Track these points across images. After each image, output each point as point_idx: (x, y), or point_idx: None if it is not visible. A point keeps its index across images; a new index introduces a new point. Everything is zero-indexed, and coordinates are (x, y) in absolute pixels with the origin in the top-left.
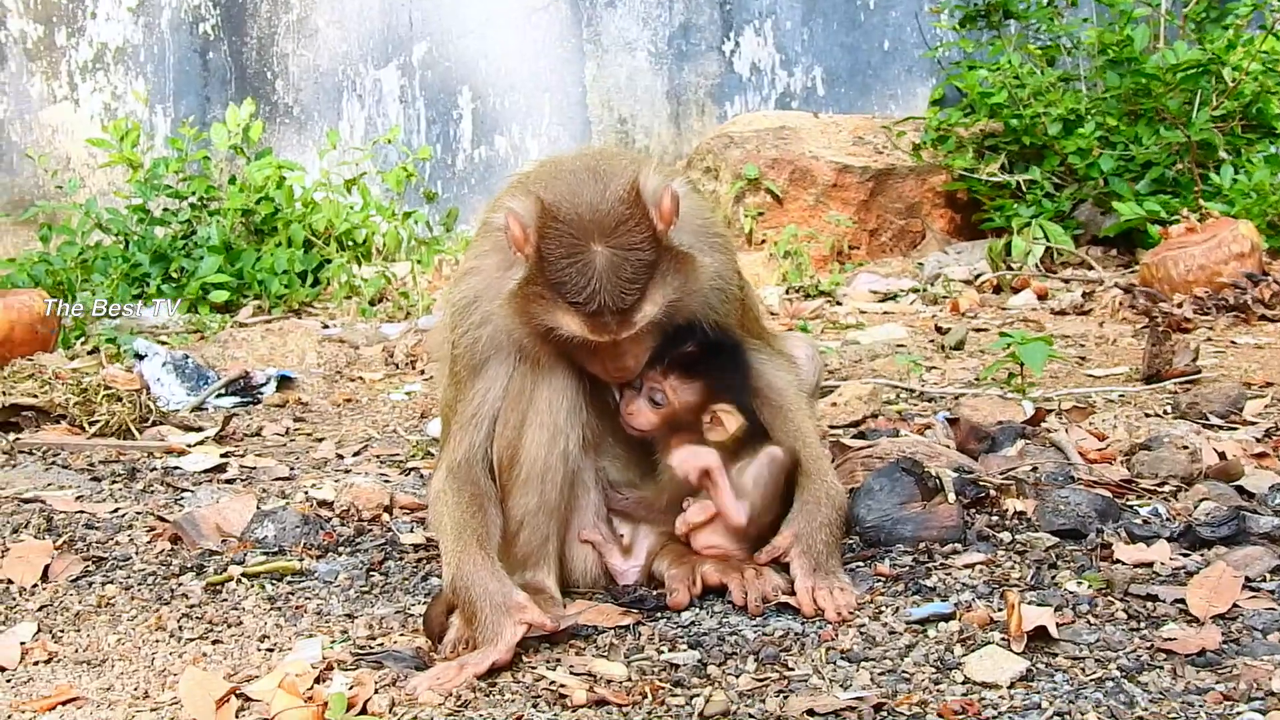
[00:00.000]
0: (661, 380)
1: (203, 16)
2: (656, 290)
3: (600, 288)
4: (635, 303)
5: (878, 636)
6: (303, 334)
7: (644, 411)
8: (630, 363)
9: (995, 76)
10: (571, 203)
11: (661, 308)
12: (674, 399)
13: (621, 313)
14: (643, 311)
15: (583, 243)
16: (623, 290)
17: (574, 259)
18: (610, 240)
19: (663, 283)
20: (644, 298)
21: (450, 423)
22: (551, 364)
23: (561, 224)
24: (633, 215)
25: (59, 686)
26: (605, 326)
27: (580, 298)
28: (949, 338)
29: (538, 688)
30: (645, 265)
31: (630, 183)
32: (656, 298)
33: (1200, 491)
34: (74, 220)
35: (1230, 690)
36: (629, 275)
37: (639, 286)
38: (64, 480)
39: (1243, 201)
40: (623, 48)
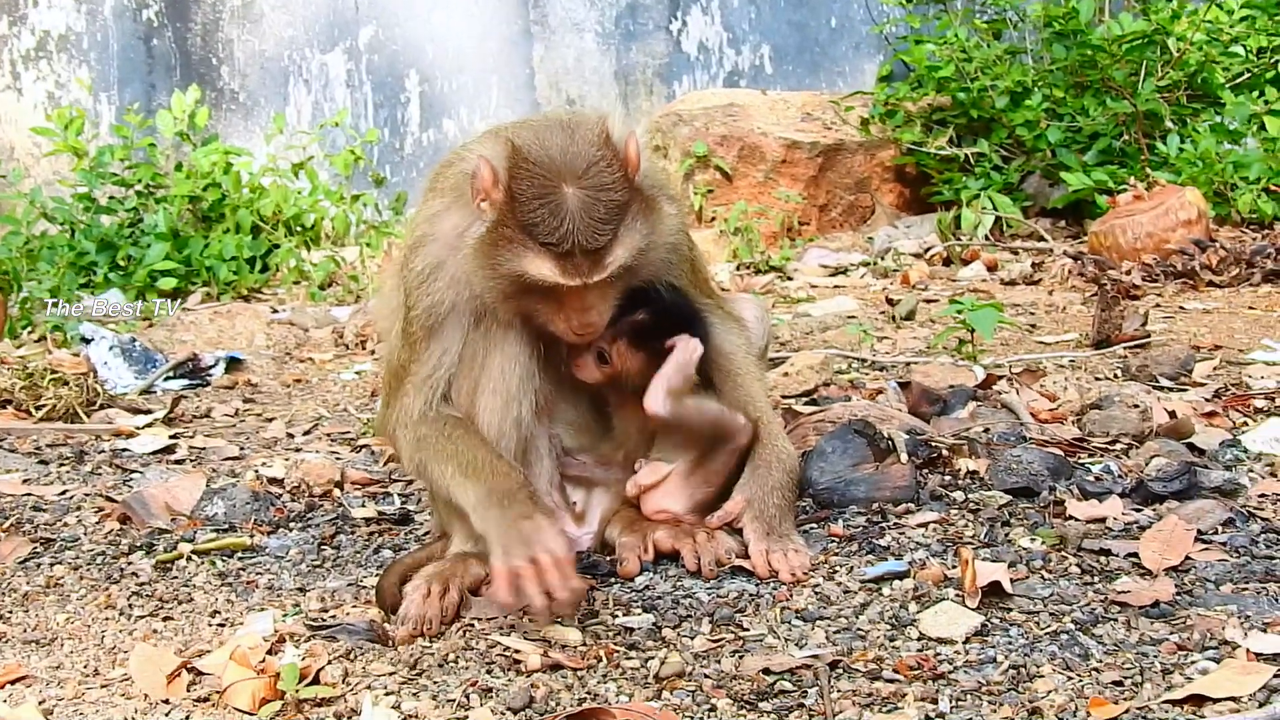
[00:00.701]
0: (610, 343)
1: (146, 3)
2: (627, 234)
3: (573, 228)
4: (607, 244)
5: (832, 596)
6: (251, 316)
7: (589, 365)
8: (594, 317)
9: (942, 51)
10: (542, 146)
11: (631, 253)
12: (618, 363)
13: (594, 254)
14: (614, 254)
15: (554, 183)
16: (595, 231)
17: (546, 199)
18: (583, 181)
19: (633, 227)
20: (615, 240)
21: (402, 381)
22: (504, 330)
23: (533, 165)
24: (604, 157)
25: (7, 666)
26: (577, 268)
27: (553, 238)
28: (899, 308)
29: (492, 654)
30: (617, 206)
31: (600, 128)
32: (627, 241)
33: (1152, 449)
34: (19, 210)
35: (1184, 640)
36: (601, 215)
37: (611, 228)
38: (10, 464)
39: (1189, 170)
40: (570, 29)
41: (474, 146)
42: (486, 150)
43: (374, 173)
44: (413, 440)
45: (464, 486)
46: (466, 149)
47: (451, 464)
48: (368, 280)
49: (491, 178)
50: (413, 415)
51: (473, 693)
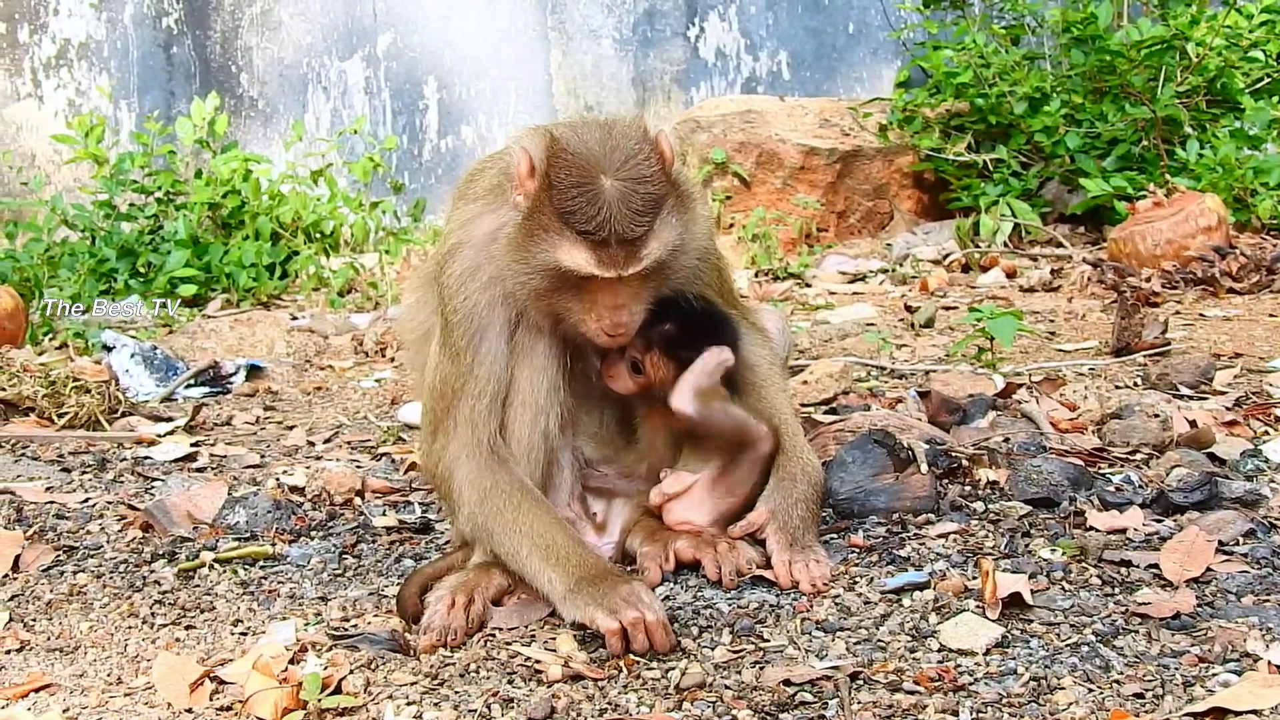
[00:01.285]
0: (643, 352)
1: (166, 11)
2: (663, 227)
3: (610, 216)
4: (644, 235)
5: (853, 607)
6: (271, 324)
7: (623, 375)
8: (626, 317)
9: (960, 56)
10: (580, 139)
11: (666, 248)
12: (652, 372)
13: (630, 244)
14: (650, 247)
15: (593, 173)
16: (633, 221)
17: (584, 188)
18: (621, 172)
19: (668, 221)
20: (652, 232)
21: (450, 406)
22: (533, 342)
23: (572, 155)
24: (641, 150)
25: (31, 674)
26: (613, 259)
27: (590, 226)
28: (918, 316)
29: (513, 664)
30: (654, 199)
31: (636, 124)
32: (663, 235)
33: (1172, 459)
34: (40, 217)
35: (1205, 652)
36: (639, 206)
37: (648, 219)
38: (33, 472)
39: (1209, 176)
40: (588, 35)
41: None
42: (527, 141)
43: (393, 179)
44: (475, 497)
45: (545, 573)
46: (497, 156)
47: (526, 543)
48: (387, 287)
49: (529, 168)
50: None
51: (494, 703)
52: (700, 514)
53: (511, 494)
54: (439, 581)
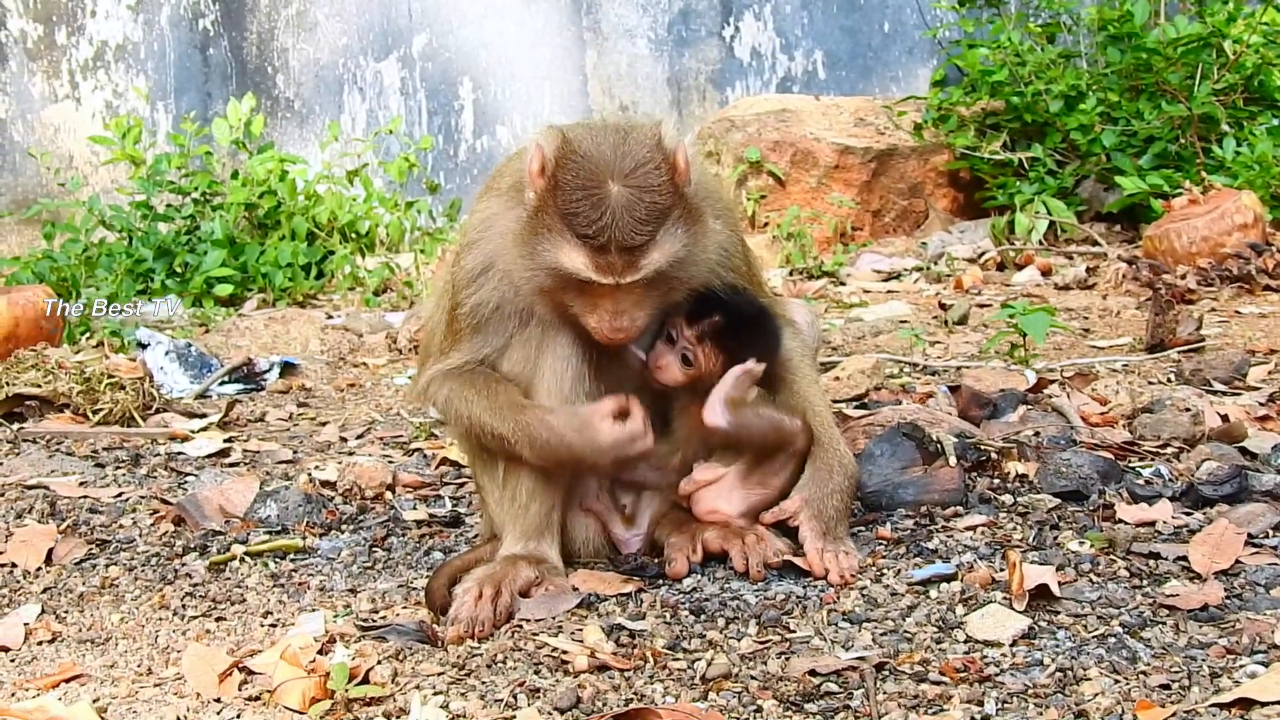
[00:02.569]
0: (696, 344)
1: (202, 12)
2: (666, 239)
3: (611, 222)
4: (644, 245)
5: (879, 598)
6: (306, 322)
7: (673, 367)
8: (626, 323)
9: (996, 55)
10: (593, 141)
11: (668, 259)
12: (704, 364)
13: (629, 252)
14: (650, 257)
15: (600, 176)
16: (634, 230)
17: (589, 192)
18: (628, 179)
19: (673, 233)
20: (653, 243)
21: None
22: (556, 332)
23: (581, 157)
24: (652, 159)
25: (62, 665)
26: (611, 266)
27: (590, 230)
28: (952, 313)
29: (539, 654)
30: (659, 210)
31: (653, 133)
32: (665, 246)
33: (1203, 452)
34: (77, 218)
35: (1233, 644)
36: (642, 215)
37: (650, 229)
38: (68, 467)
39: (1245, 174)
40: (623, 35)
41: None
42: (540, 140)
43: (428, 179)
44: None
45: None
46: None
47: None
48: (422, 286)
49: (540, 166)
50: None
51: (520, 693)
52: (730, 504)
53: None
54: (467, 574)
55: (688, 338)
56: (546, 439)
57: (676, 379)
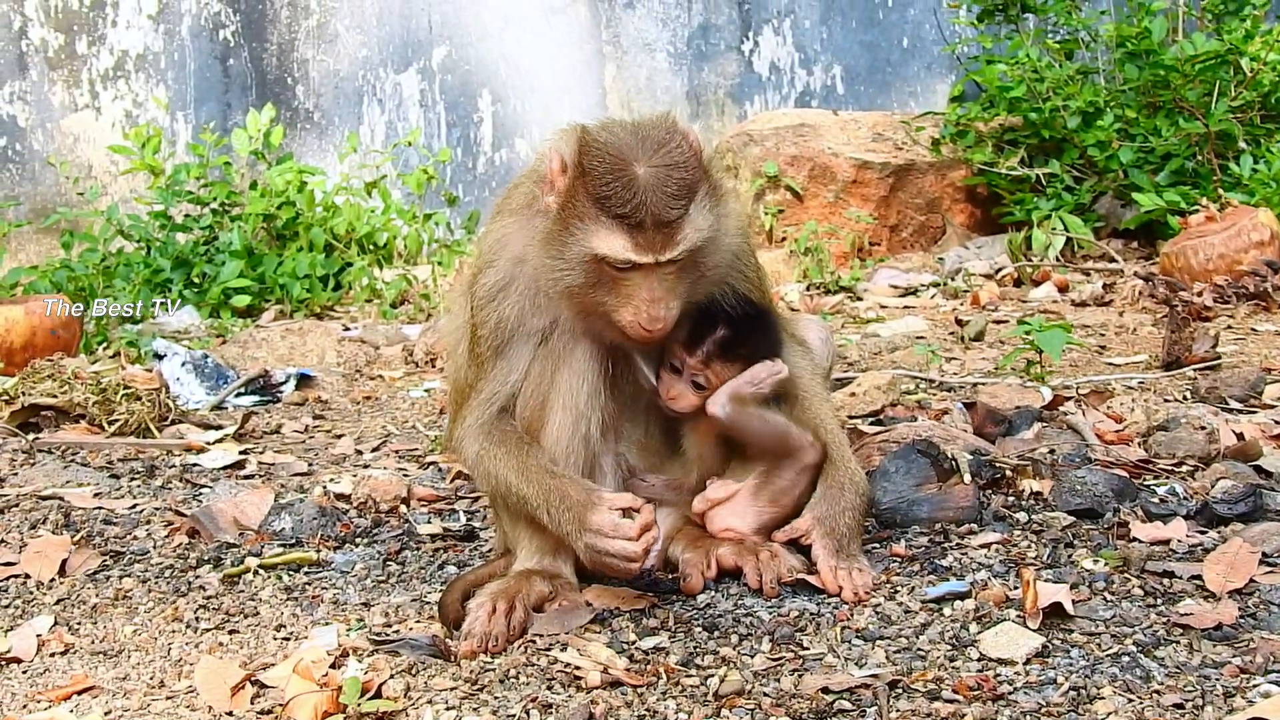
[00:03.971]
0: (703, 368)
1: (223, 23)
2: (698, 213)
3: (646, 199)
4: (679, 219)
5: (893, 615)
6: (322, 334)
7: (686, 395)
8: (663, 310)
9: (1014, 71)
10: (612, 131)
11: (702, 235)
12: (717, 382)
13: (666, 227)
14: (685, 231)
15: (626, 159)
16: (668, 205)
17: (619, 173)
18: (654, 158)
19: (704, 209)
20: (687, 216)
21: (467, 398)
22: (572, 347)
23: (604, 145)
24: (674, 139)
25: (75, 676)
26: (650, 243)
27: (625, 209)
28: (968, 329)
29: (552, 670)
30: (688, 184)
31: (667, 117)
32: (698, 220)
33: (1218, 471)
34: (96, 227)
35: (1247, 664)
36: (674, 190)
37: (683, 203)
38: (83, 478)
39: (1263, 191)
40: (642, 49)
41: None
42: (556, 144)
43: (446, 192)
44: (475, 454)
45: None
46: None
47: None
48: (439, 298)
49: (560, 164)
50: (478, 424)
51: (533, 708)
52: (743, 521)
53: (504, 442)
54: (481, 588)
55: (693, 365)
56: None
57: (692, 405)
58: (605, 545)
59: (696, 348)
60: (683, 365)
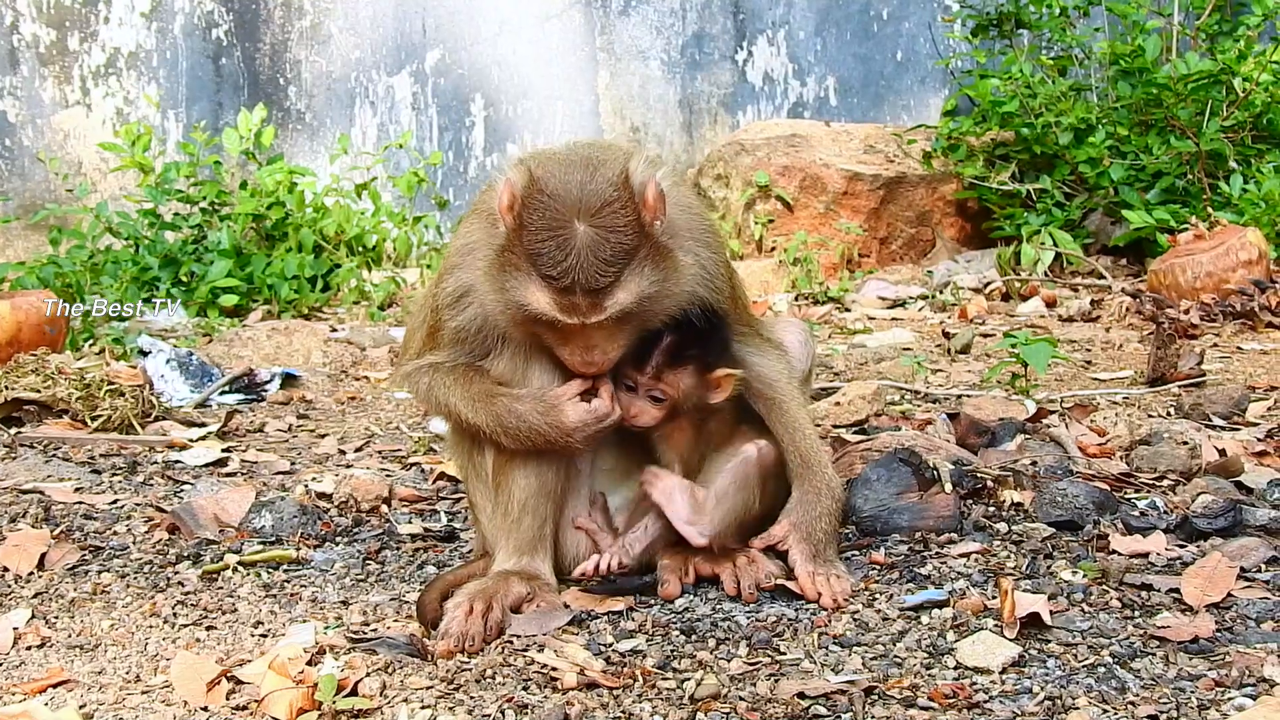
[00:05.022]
0: (655, 382)
1: (216, 22)
2: (633, 279)
3: (576, 264)
4: (609, 286)
5: (871, 622)
6: (309, 334)
7: (646, 410)
8: (598, 357)
9: (1007, 86)
10: (561, 179)
11: (636, 299)
12: (674, 390)
13: (594, 294)
14: (615, 298)
15: (565, 217)
16: (599, 271)
17: (554, 232)
18: (594, 220)
19: (640, 273)
20: (619, 283)
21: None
22: (540, 350)
23: (548, 197)
24: (619, 199)
25: (50, 670)
26: (575, 307)
27: (554, 271)
28: (955, 341)
29: (529, 671)
30: (625, 250)
31: (621, 169)
32: (632, 287)
33: (1199, 486)
34: (84, 224)
35: (1222, 677)
36: (607, 256)
37: (616, 270)
38: (64, 472)
39: (1252, 211)
40: (636, 56)
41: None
42: (511, 174)
43: (437, 195)
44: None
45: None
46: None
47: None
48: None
49: (509, 199)
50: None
51: (508, 709)
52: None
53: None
54: (459, 588)
55: (645, 383)
56: (516, 426)
57: (655, 417)
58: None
59: (644, 364)
60: (635, 384)
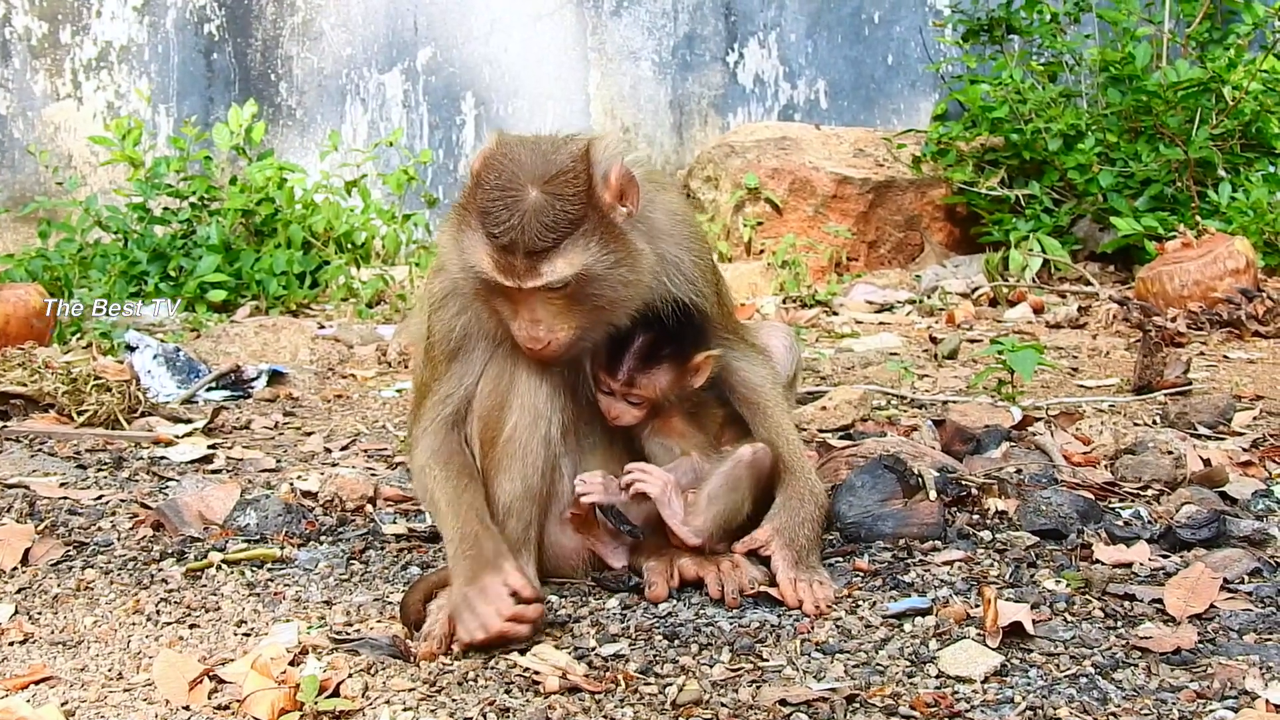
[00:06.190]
0: (629, 387)
1: (208, 17)
2: (574, 251)
3: (519, 224)
4: (547, 251)
5: (853, 630)
6: (296, 331)
7: (626, 412)
8: (543, 333)
9: (997, 91)
10: (527, 147)
11: (575, 271)
12: (650, 392)
13: (532, 256)
14: (553, 264)
15: (520, 180)
16: (538, 235)
17: (505, 192)
18: (545, 185)
19: (583, 247)
20: (557, 251)
21: (424, 400)
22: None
23: (507, 160)
24: (574, 170)
25: (33, 666)
26: (513, 268)
27: (497, 230)
28: (942, 347)
29: (511, 674)
30: (569, 219)
31: (584, 145)
32: (573, 258)
33: (1183, 495)
34: (74, 217)
35: (1204, 689)
36: (549, 221)
37: (555, 237)
38: (49, 467)
39: (1240, 219)
40: (627, 57)
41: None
42: (487, 139)
43: (427, 193)
44: (419, 466)
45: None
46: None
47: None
48: (415, 299)
49: (477, 164)
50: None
51: (490, 712)
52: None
53: (445, 468)
54: (443, 590)
55: (618, 388)
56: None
57: (636, 417)
58: (476, 604)
59: (617, 368)
60: (609, 388)
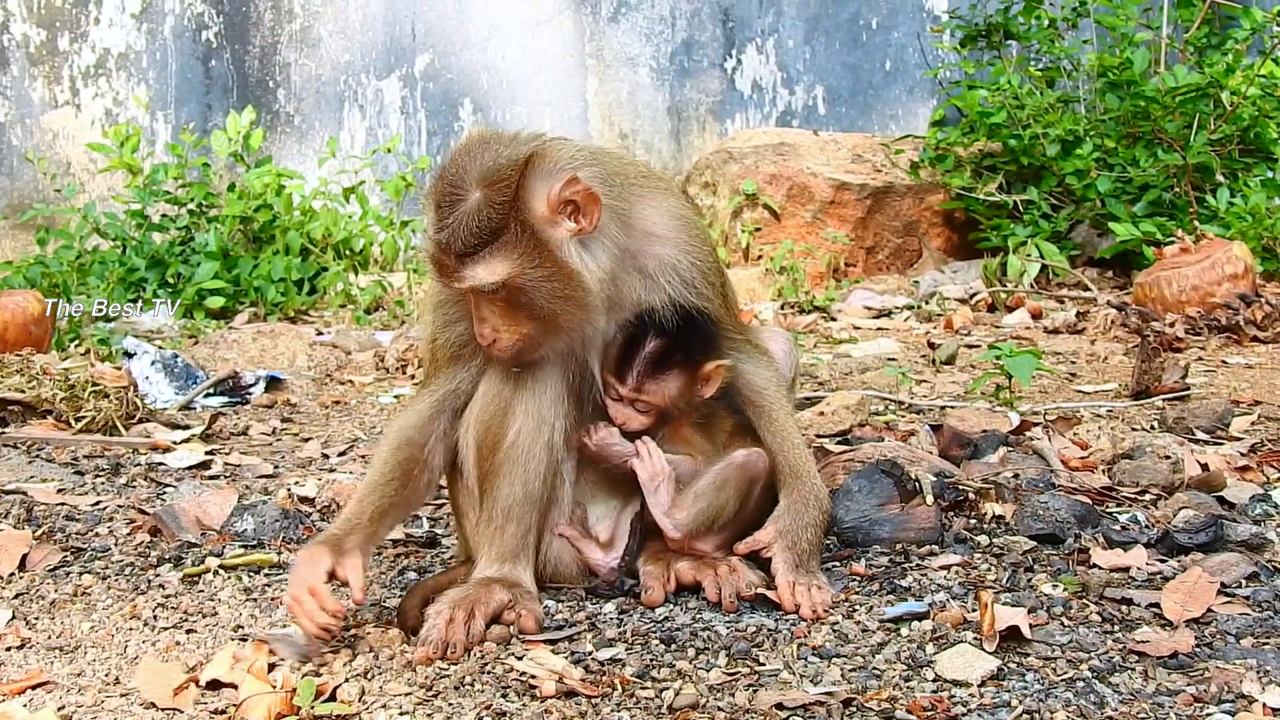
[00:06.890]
0: (638, 393)
1: (206, 24)
2: (497, 260)
3: (451, 224)
4: (470, 255)
5: (850, 634)
6: (294, 337)
7: (635, 418)
8: (489, 332)
9: (995, 97)
10: (485, 145)
11: (498, 280)
12: (658, 399)
13: (457, 259)
14: (474, 270)
15: (464, 179)
16: (464, 238)
17: (444, 194)
18: (484, 190)
19: (506, 258)
20: (479, 257)
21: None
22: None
23: (466, 158)
24: (507, 180)
25: (30, 671)
26: (446, 267)
27: (434, 229)
28: (940, 352)
29: (507, 678)
30: (490, 228)
31: (531, 153)
32: (494, 267)
33: (1181, 500)
34: (72, 224)
35: (1201, 692)
36: (474, 227)
37: (477, 243)
38: (47, 473)
39: (1238, 224)
40: (625, 63)
41: None
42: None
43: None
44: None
45: None
46: None
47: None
48: (414, 305)
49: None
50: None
51: (487, 716)
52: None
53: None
54: (440, 595)
55: (627, 394)
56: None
57: (644, 423)
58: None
59: (626, 374)
60: (617, 394)
